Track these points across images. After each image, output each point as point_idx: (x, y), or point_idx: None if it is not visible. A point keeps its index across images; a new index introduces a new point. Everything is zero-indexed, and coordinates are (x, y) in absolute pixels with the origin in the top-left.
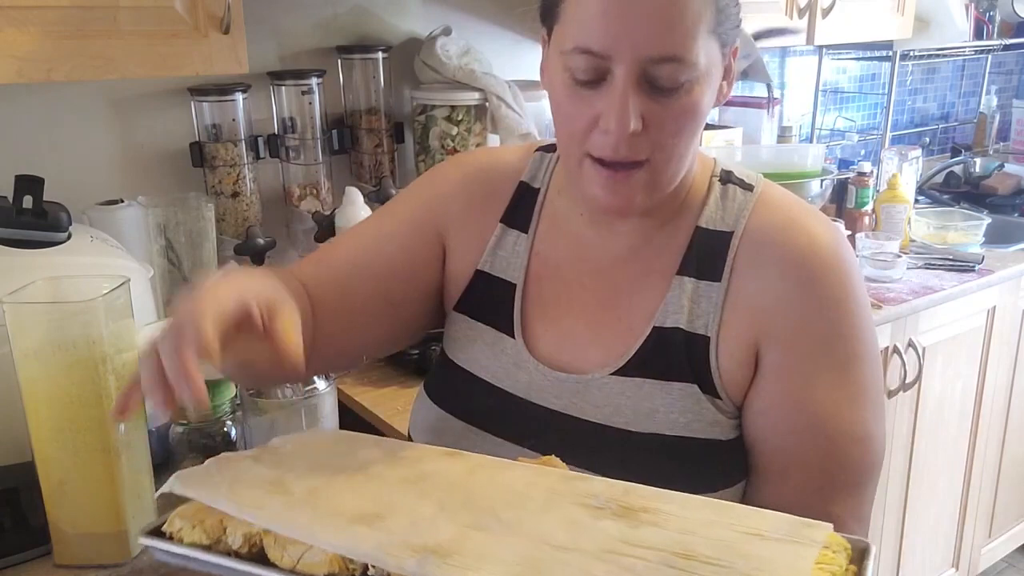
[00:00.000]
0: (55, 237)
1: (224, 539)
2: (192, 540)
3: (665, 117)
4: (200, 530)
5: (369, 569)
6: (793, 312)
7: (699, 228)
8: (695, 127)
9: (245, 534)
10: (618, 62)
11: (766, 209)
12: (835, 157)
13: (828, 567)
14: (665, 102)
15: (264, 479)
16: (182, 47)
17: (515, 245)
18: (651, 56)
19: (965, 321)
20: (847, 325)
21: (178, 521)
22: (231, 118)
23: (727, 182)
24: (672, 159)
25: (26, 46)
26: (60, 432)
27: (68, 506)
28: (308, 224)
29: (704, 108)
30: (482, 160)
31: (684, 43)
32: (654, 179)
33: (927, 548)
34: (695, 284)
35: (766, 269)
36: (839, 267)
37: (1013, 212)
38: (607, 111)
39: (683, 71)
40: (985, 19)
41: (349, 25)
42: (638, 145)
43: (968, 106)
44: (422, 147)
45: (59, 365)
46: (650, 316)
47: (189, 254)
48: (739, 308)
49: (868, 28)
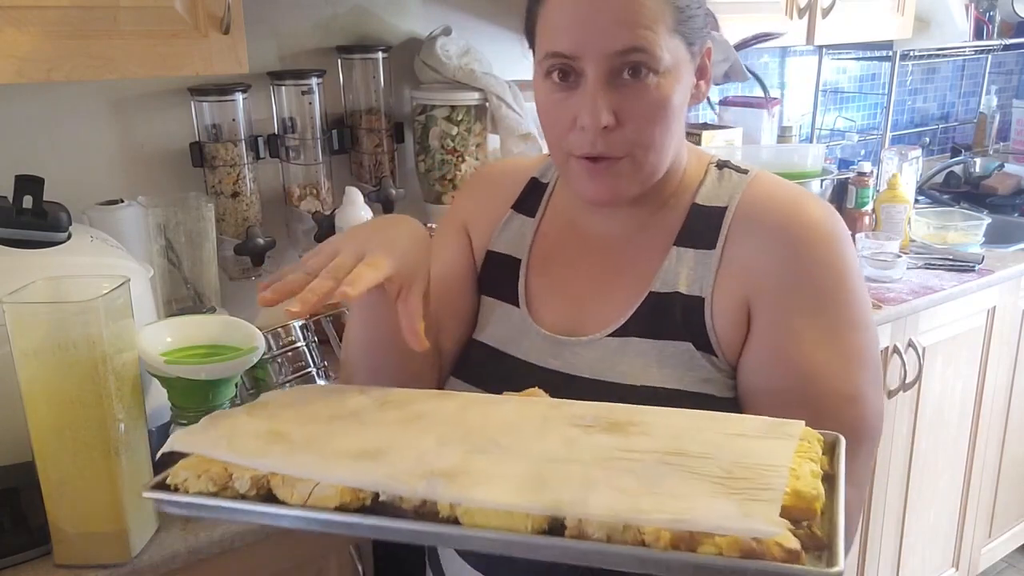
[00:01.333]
0: (55, 237)
1: (231, 485)
2: (199, 489)
3: (637, 111)
4: (206, 479)
5: (381, 497)
6: (783, 273)
7: (695, 205)
8: (668, 120)
9: (252, 477)
10: (587, 61)
11: (760, 186)
12: (835, 157)
13: (806, 454)
14: (635, 97)
15: (261, 430)
16: (182, 47)
17: (521, 227)
18: (616, 50)
19: (965, 321)
20: (838, 290)
21: (182, 473)
22: (231, 118)
23: (723, 167)
24: (651, 151)
25: (26, 46)
26: (60, 432)
27: (68, 506)
28: (308, 224)
29: (676, 102)
30: (502, 164)
31: (645, 35)
32: (636, 171)
33: (927, 548)
34: (692, 252)
35: (759, 235)
36: (831, 237)
37: (1013, 212)
38: (580, 109)
39: (648, 63)
40: (985, 19)
41: (349, 25)
42: (614, 141)
43: (968, 106)
44: (422, 147)
45: (59, 365)
46: (647, 283)
47: (189, 254)
48: (732, 270)
49: (868, 28)
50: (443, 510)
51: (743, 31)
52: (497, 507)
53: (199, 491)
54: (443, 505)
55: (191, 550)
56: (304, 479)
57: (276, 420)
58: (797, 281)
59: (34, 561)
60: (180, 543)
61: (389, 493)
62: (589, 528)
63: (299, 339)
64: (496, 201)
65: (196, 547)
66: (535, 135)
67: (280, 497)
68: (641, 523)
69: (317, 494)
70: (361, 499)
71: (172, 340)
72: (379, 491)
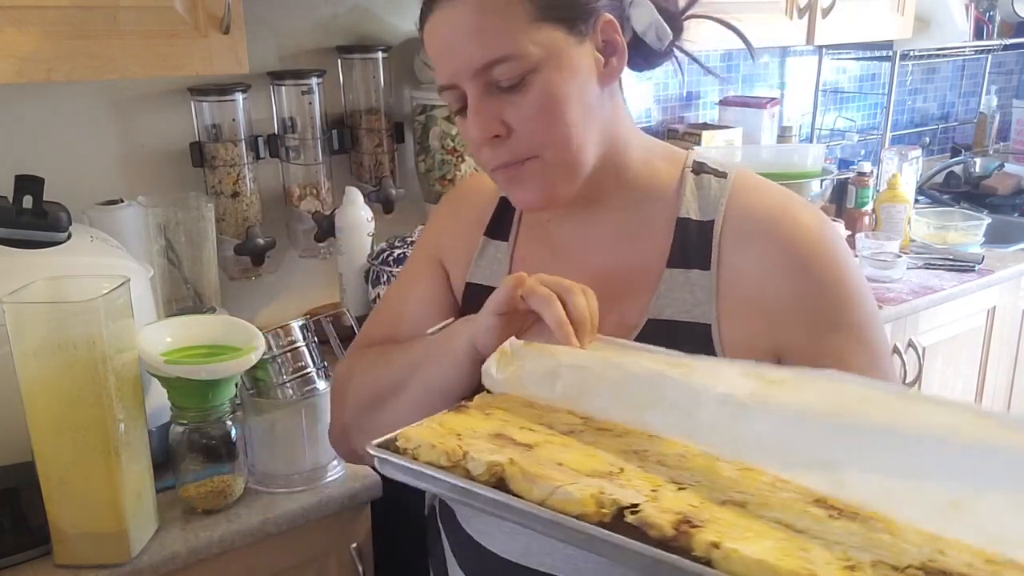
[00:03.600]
0: (55, 237)
1: (462, 463)
2: (429, 459)
3: (522, 114)
4: (440, 451)
5: (626, 517)
6: (798, 294)
7: (680, 219)
8: (562, 111)
9: (489, 463)
10: (463, 83)
11: (744, 195)
12: (835, 157)
13: None
14: (518, 100)
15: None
16: (182, 47)
17: (496, 253)
18: (476, 68)
19: (965, 321)
20: (852, 294)
21: (415, 439)
22: (231, 118)
23: (700, 172)
24: (559, 147)
25: (26, 46)
26: (60, 432)
27: (68, 506)
28: (308, 224)
29: (565, 91)
30: (466, 185)
31: (501, 43)
32: (552, 169)
33: None
34: (686, 275)
35: (757, 254)
36: (829, 243)
37: (1013, 212)
38: (471, 128)
39: (517, 66)
40: (985, 19)
41: (349, 25)
42: (514, 146)
43: (968, 106)
44: (422, 147)
45: (59, 365)
46: (643, 309)
47: (189, 254)
48: (738, 294)
49: (868, 28)
50: (698, 548)
51: (743, 31)
52: (766, 565)
53: (429, 461)
54: (699, 543)
55: (191, 550)
56: (546, 476)
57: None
58: (815, 300)
59: (34, 561)
60: (180, 543)
61: (643, 520)
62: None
63: (299, 339)
64: (468, 228)
65: (196, 547)
66: None
67: (515, 490)
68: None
69: (559, 497)
70: (603, 514)
71: (172, 340)
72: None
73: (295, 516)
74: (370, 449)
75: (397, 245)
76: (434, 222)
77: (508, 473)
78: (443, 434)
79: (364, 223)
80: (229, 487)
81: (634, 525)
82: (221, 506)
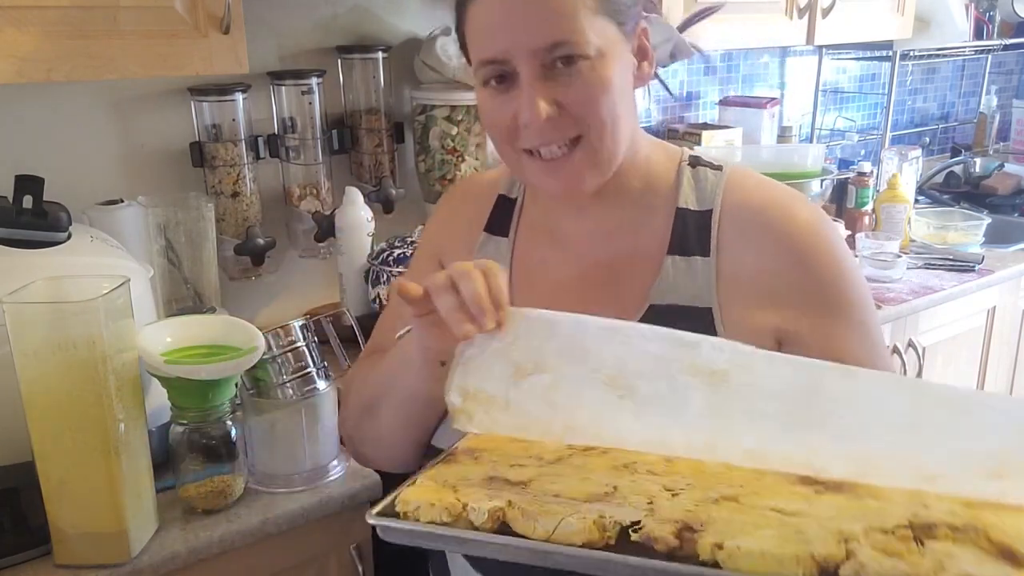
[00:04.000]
0: (55, 237)
1: (464, 516)
2: (431, 519)
3: (577, 95)
4: (440, 508)
5: (631, 536)
6: (798, 282)
7: (679, 209)
8: (612, 99)
9: (490, 510)
10: (517, 62)
11: (739, 188)
12: (835, 157)
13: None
14: (572, 83)
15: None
16: (182, 47)
17: (497, 248)
18: (542, 46)
19: (965, 321)
20: (848, 287)
21: (413, 501)
22: (231, 118)
23: (696, 165)
24: (604, 131)
25: (26, 46)
26: (60, 432)
27: (68, 506)
28: (308, 224)
29: (616, 82)
30: (463, 185)
31: (569, 27)
32: (592, 156)
33: None
34: (686, 261)
35: (756, 244)
36: (825, 234)
37: (1013, 212)
38: (520, 107)
39: (577, 51)
40: (985, 19)
41: (349, 25)
42: (561, 126)
43: (968, 106)
44: (422, 147)
45: (59, 365)
46: (644, 295)
47: (189, 254)
48: (739, 281)
49: (868, 28)
50: (703, 552)
51: (743, 31)
52: (768, 555)
53: (431, 520)
54: (703, 547)
55: (191, 550)
56: (547, 512)
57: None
58: (814, 289)
59: (34, 561)
60: (180, 543)
61: (647, 536)
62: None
63: (299, 339)
64: (467, 226)
65: (196, 547)
66: None
67: (518, 531)
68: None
69: (563, 530)
70: (606, 538)
71: (172, 340)
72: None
73: (295, 516)
74: (370, 520)
75: (397, 245)
76: (433, 223)
77: (509, 516)
78: (439, 490)
79: (364, 223)
80: (229, 487)
81: (639, 542)
82: (221, 506)
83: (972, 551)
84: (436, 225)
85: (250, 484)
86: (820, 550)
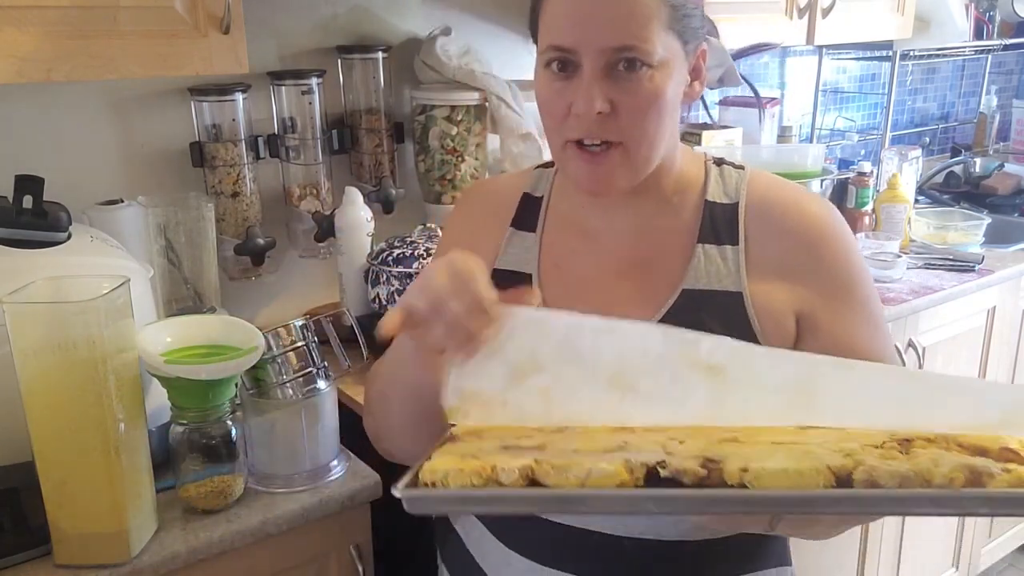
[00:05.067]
0: (55, 237)
1: (494, 477)
2: (461, 483)
3: (631, 102)
4: (468, 472)
5: (660, 472)
6: (813, 275)
7: (708, 202)
8: (660, 112)
9: (520, 468)
10: (584, 55)
11: (761, 186)
12: (835, 157)
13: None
14: (629, 88)
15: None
16: (182, 47)
17: (524, 242)
18: (611, 46)
19: (965, 321)
20: (856, 275)
21: (440, 470)
22: (231, 118)
23: (721, 164)
24: (643, 142)
25: (26, 46)
26: (60, 432)
27: (68, 506)
28: (308, 224)
29: (668, 96)
30: (483, 184)
31: (639, 34)
32: (629, 160)
33: (927, 548)
34: (718, 249)
35: (777, 236)
36: (837, 227)
37: (1013, 212)
38: (577, 97)
39: (641, 59)
40: (985, 19)
41: (349, 25)
42: (608, 127)
43: (968, 106)
44: (422, 147)
45: (59, 365)
46: (674, 283)
47: (189, 254)
48: (764, 268)
49: (868, 28)
50: (731, 478)
51: (743, 31)
52: (791, 471)
53: (462, 485)
54: (730, 473)
55: (191, 550)
56: (575, 463)
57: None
58: (827, 274)
59: (34, 561)
60: (180, 543)
61: (676, 470)
62: (881, 479)
63: (299, 339)
64: (493, 221)
65: (196, 547)
66: (535, 135)
67: (551, 485)
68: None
69: (595, 476)
70: (637, 479)
71: (172, 340)
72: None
73: (295, 516)
74: (397, 493)
75: (397, 245)
76: (451, 226)
77: (539, 472)
78: (460, 459)
79: (364, 223)
80: (229, 487)
81: (669, 478)
82: (221, 506)
83: (951, 453)
84: (455, 228)
85: (250, 484)
86: (833, 462)
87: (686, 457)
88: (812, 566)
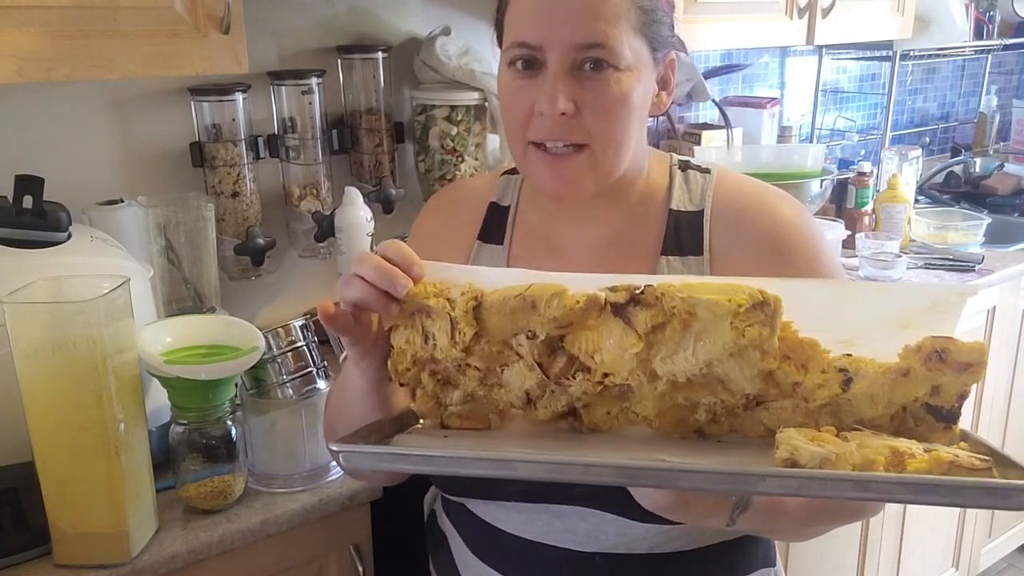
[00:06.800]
0: (55, 237)
1: (444, 295)
2: (416, 303)
3: (596, 102)
4: (423, 295)
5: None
6: (779, 273)
7: (672, 211)
8: (627, 116)
9: (463, 293)
10: (549, 52)
11: (727, 190)
12: (835, 157)
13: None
14: (595, 88)
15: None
16: (182, 47)
17: (491, 257)
18: (577, 43)
19: (965, 321)
20: (825, 275)
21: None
22: (231, 118)
23: (686, 169)
24: (609, 144)
25: (26, 46)
26: (60, 432)
27: (68, 506)
28: (308, 224)
29: (635, 101)
30: (450, 191)
31: (607, 31)
32: (595, 164)
33: (927, 548)
34: (681, 260)
35: (742, 241)
36: (804, 234)
37: (1013, 212)
38: (541, 95)
39: (608, 58)
40: (985, 19)
41: (349, 25)
42: (572, 128)
43: (968, 106)
44: (422, 147)
45: (59, 365)
46: None
47: (189, 254)
48: (728, 276)
49: (868, 28)
50: (668, 292)
51: (743, 31)
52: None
53: (417, 303)
54: (670, 296)
55: (191, 550)
56: (512, 288)
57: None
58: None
59: (34, 561)
60: (180, 543)
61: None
62: (802, 459)
63: (299, 339)
64: (461, 232)
65: (196, 547)
66: None
67: (492, 303)
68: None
69: (535, 289)
70: (577, 300)
71: (172, 340)
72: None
73: (295, 516)
74: (333, 447)
75: None
76: (422, 228)
77: (485, 300)
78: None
79: (364, 223)
80: (229, 487)
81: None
82: (221, 506)
83: (879, 438)
84: (425, 232)
85: (250, 484)
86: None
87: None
88: (812, 567)
